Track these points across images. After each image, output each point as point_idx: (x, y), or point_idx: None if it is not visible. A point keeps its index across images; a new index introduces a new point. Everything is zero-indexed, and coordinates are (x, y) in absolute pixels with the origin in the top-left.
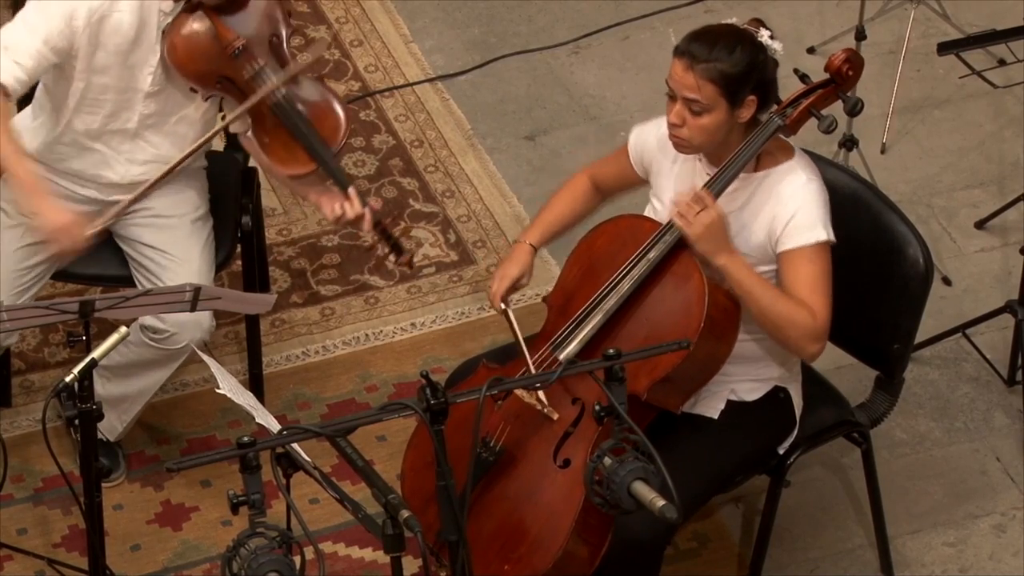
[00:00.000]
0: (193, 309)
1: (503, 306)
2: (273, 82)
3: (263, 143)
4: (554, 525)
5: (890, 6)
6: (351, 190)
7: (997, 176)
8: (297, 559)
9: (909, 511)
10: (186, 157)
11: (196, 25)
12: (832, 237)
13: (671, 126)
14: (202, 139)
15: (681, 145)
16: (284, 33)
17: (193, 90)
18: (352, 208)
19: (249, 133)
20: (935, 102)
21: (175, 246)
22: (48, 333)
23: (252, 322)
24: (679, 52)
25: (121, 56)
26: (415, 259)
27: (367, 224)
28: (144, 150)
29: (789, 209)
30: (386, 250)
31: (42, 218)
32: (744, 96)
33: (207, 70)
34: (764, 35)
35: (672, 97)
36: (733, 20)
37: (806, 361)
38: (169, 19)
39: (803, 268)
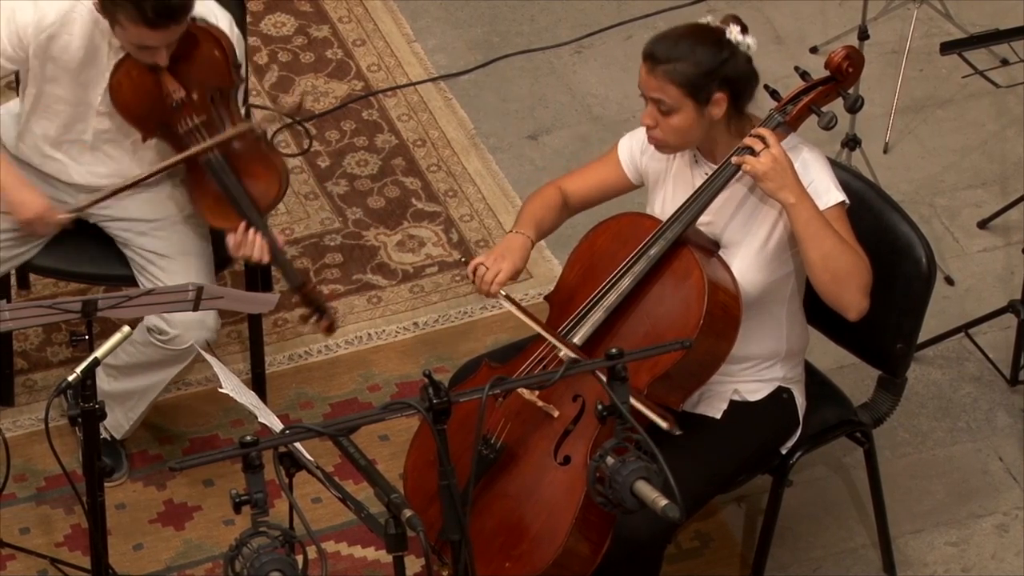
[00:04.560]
0: (196, 308)
1: (503, 293)
2: (202, 145)
3: (193, 193)
4: (554, 522)
5: (893, 6)
6: (252, 231)
7: (1000, 176)
8: (299, 558)
9: (911, 511)
10: (125, 187)
11: (143, 68)
12: (847, 199)
13: (646, 128)
14: (143, 175)
15: (659, 146)
16: (229, 89)
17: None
18: (251, 247)
19: (179, 181)
20: (938, 102)
21: (170, 248)
22: (51, 332)
23: (255, 321)
24: (644, 55)
25: (72, 73)
26: (336, 323)
27: (266, 259)
28: (104, 163)
29: (804, 178)
30: (307, 312)
31: (21, 208)
32: (710, 94)
33: (146, 115)
34: (734, 31)
35: (645, 98)
36: (708, 19)
37: (852, 319)
38: (120, 54)
39: (835, 227)
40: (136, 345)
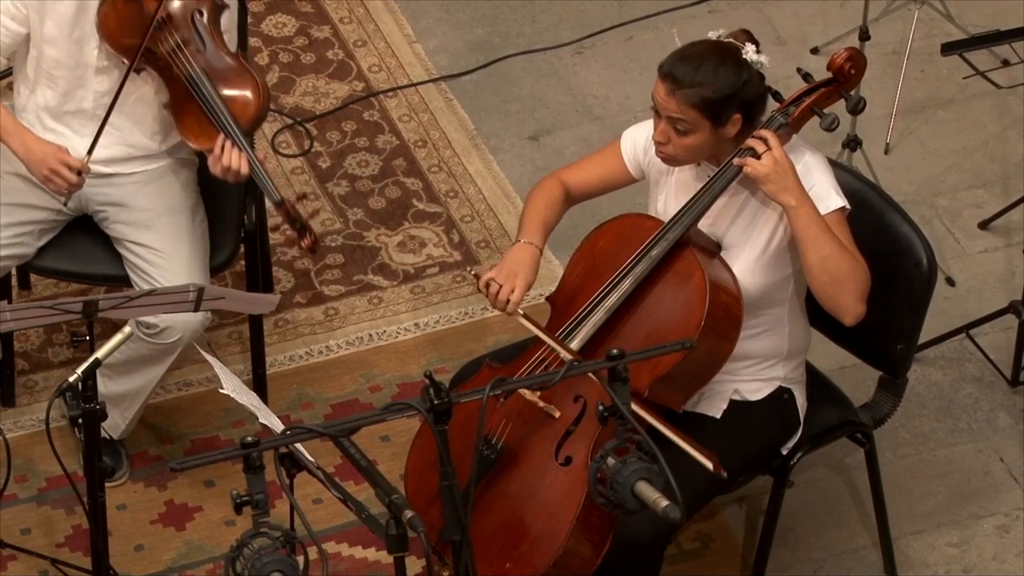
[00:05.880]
0: (197, 309)
1: (520, 312)
2: (186, 60)
3: (176, 116)
4: (555, 523)
5: (894, 6)
6: (229, 144)
7: (1001, 176)
8: (300, 559)
9: (913, 511)
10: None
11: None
12: (848, 204)
13: (657, 143)
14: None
15: (668, 160)
16: (212, 10)
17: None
18: (229, 158)
19: (164, 102)
20: (939, 102)
21: (161, 241)
22: (52, 333)
23: (256, 322)
24: (662, 74)
25: (67, 28)
26: (319, 241)
27: (244, 170)
28: (108, 133)
29: (806, 182)
30: (290, 231)
31: (35, 158)
32: (728, 116)
33: (132, 43)
34: (749, 50)
35: (658, 113)
36: (720, 33)
37: (848, 324)
38: None
39: (835, 232)
40: (127, 341)
